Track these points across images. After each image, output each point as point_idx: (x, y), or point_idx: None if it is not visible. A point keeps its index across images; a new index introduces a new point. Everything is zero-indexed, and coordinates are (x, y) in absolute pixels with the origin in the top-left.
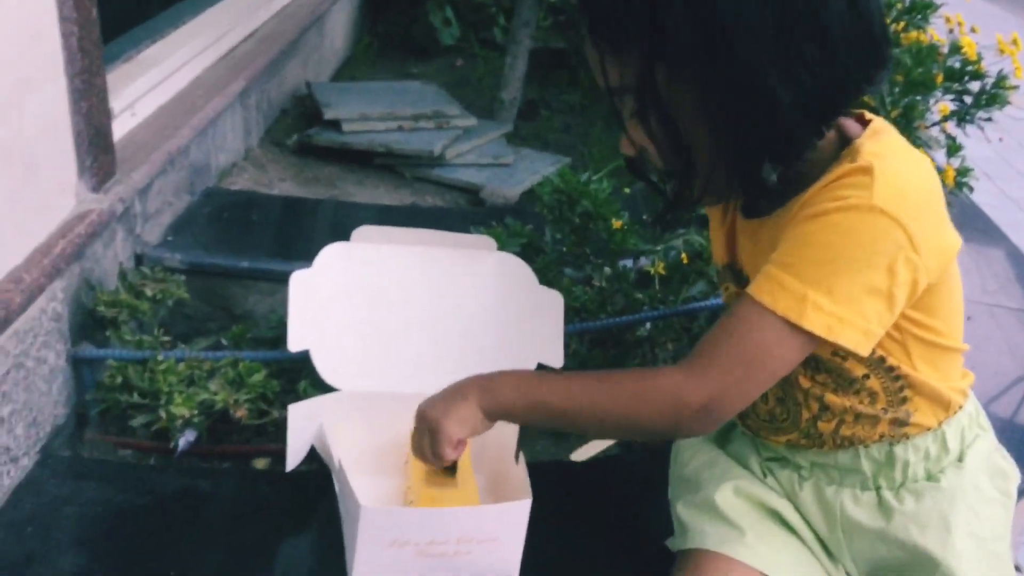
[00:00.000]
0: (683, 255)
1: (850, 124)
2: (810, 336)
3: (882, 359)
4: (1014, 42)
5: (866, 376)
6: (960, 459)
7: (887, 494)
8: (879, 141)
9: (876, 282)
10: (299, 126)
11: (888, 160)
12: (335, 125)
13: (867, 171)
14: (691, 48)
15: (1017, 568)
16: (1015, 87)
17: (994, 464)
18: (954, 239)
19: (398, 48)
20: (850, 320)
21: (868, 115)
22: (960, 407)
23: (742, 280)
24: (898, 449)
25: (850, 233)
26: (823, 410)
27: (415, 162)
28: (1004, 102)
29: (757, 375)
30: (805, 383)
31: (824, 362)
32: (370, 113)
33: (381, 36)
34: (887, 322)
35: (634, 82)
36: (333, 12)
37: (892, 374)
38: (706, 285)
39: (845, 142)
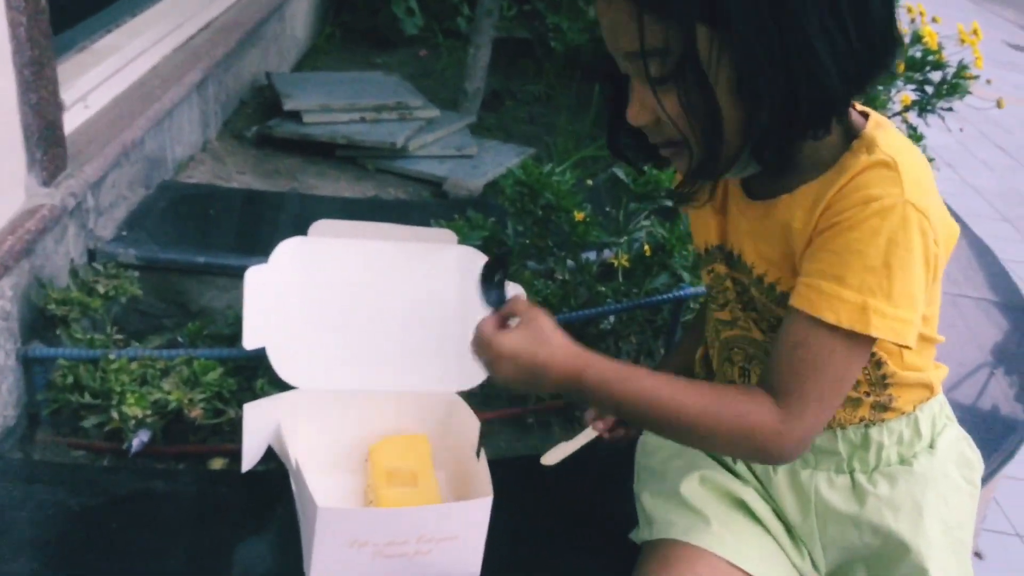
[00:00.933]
0: (646, 247)
1: (852, 113)
2: (875, 339)
3: None
4: (975, 32)
5: None
6: (931, 445)
7: (861, 477)
8: (887, 132)
9: (920, 276)
10: (259, 117)
11: (904, 153)
12: (296, 116)
13: (891, 166)
14: (742, 8)
15: (976, 555)
16: (975, 77)
17: (961, 453)
18: (955, 227)
19: (361, 38)
20: (910, 319)
21: (861, 107)
22: (936, 394)
23: (734, 261)
24: (873, 431)
25: (893, 235)
26: None
27: (377, 154)
28: (965, 92)
29: (841, 394)
30: None
31: None
32: (332, 104)
33: (344, 26)
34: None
35: (677, 43)
36: (293, 2)
37: (875, 359)
38: (669, 277)
39: (848, 131)
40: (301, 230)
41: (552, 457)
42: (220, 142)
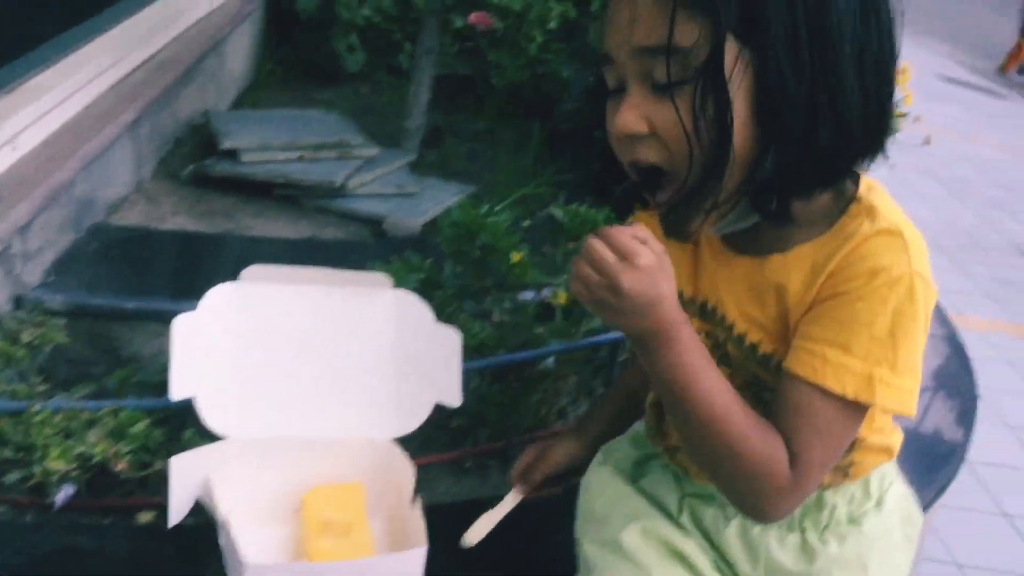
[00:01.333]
0: None
1: None
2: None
3: None
4: (904, 71)
5: None
6: (879, 504)
7: (811, 536)
8: (883, 196)
9: (922, 344)
10: (195, 156)
11: (904, 219)
12: (233, 155)
13: (897, 235)
14: (783, 27)
15: None
16: (904, 114)
17: (905, 510)
18: (935, 290)
19: (302, 74)
20: (913, 388)
21: None
22: (893, 457)
23: (709, 315)
24: (827, 494)
25: (900, 306)
26: None
27: (316, 193)
28: (895, 130)
29: (838, 455)
30: None
31: None
32: (270, 142)
33: (285, 62)
34: None
35: (704, 47)
36: (233, 38)
37: None
38: None
39: (840, 191)
40: (236, 272)
41: (475, 535)
42: (154, 182)
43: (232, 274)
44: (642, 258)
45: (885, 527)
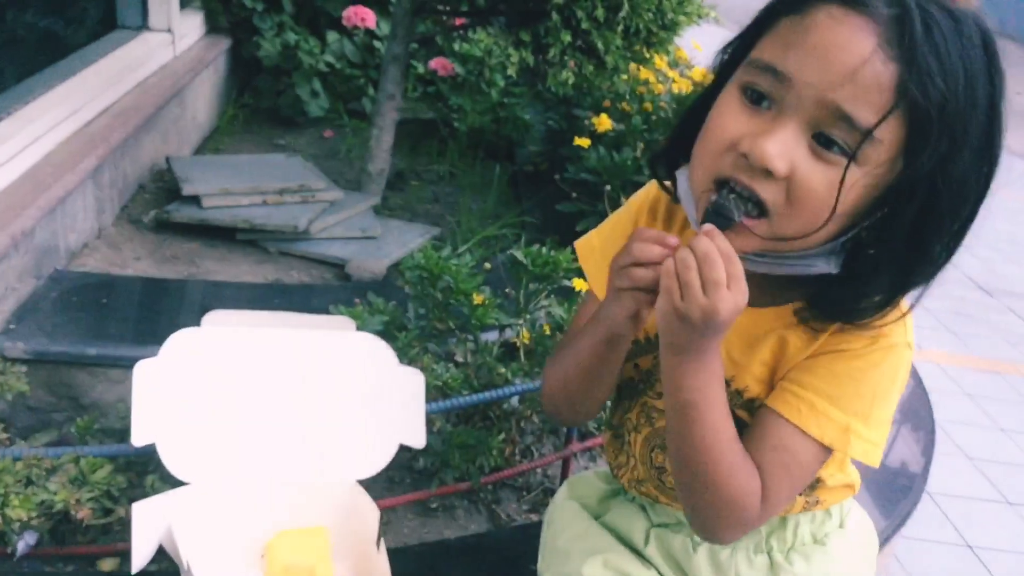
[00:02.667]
0: (546, 327)
1: None
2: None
3: None
4: None
5: None
6: (841, 525)
7: (778, 556)
8: None
9: (895, 402)
10: (158, 202)
11: None
12: (195, 200)
13: (898, 305)
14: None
15: None
16: None
17: (864, 533)
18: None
19: (265, 119)
20: (880, 442)
21: None
22: (855, 492)
23: None
24: (790, 516)
25: (891, 371)
26: None
27: (280, 237)
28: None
29: (799, 490)
30: None
31: None
32: (232, 188)
33: (248, 108)
34: None
35: (891, 140)
36: (196, 84)
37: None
38: None
39: None
40: (199, 317)
41: None
42: (117, 228)
43: (195, 319)
44: (741, 284)
45: (848, 547)
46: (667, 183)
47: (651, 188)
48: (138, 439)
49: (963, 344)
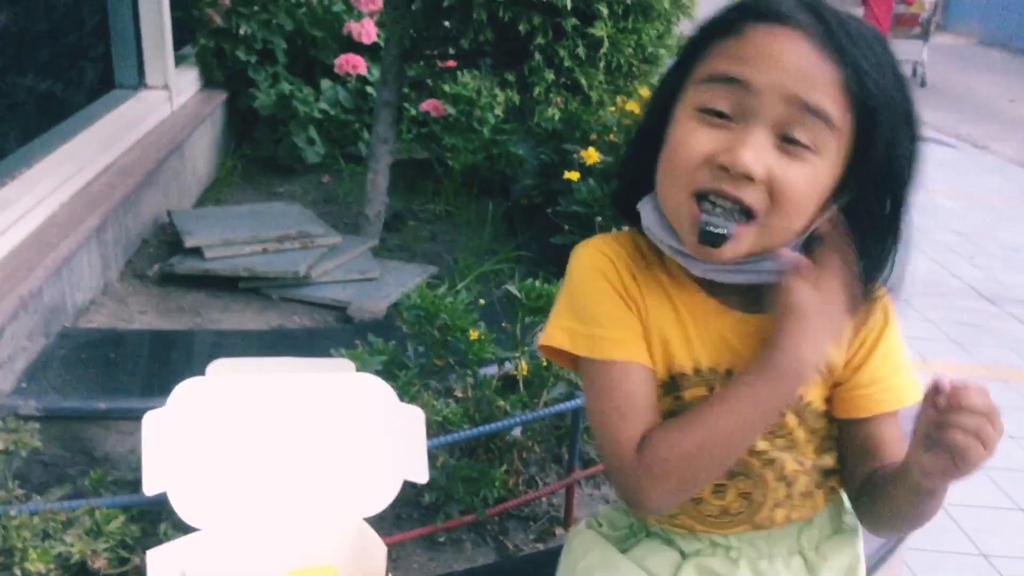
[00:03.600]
0: (542, 359)
1: None
2: None
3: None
4: None
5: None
6: (848, 510)
7: (810, 554)
8: None
9: None
10: (161, 256)
11: None
12: (198, 252)
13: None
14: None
15: None
16: None
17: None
18: None
19: (264, 169)
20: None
21: None
22: None
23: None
24: (816, 514)
25: (896, 322)
26: (787, 497)
27: (281, 283)
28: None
29: None
30: (790, 469)
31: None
32: (233, 238)
33: (246, 158)
34: None
35: (846, 129)
36: (194, 138)
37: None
38: (566, 386)
39: None
40: (205, 367)
41: None
42: (122, 283)
43: (202, 369)
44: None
45: (853, 526)
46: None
47: (590, 248)
48: (150, 488)
49: (968, 354)
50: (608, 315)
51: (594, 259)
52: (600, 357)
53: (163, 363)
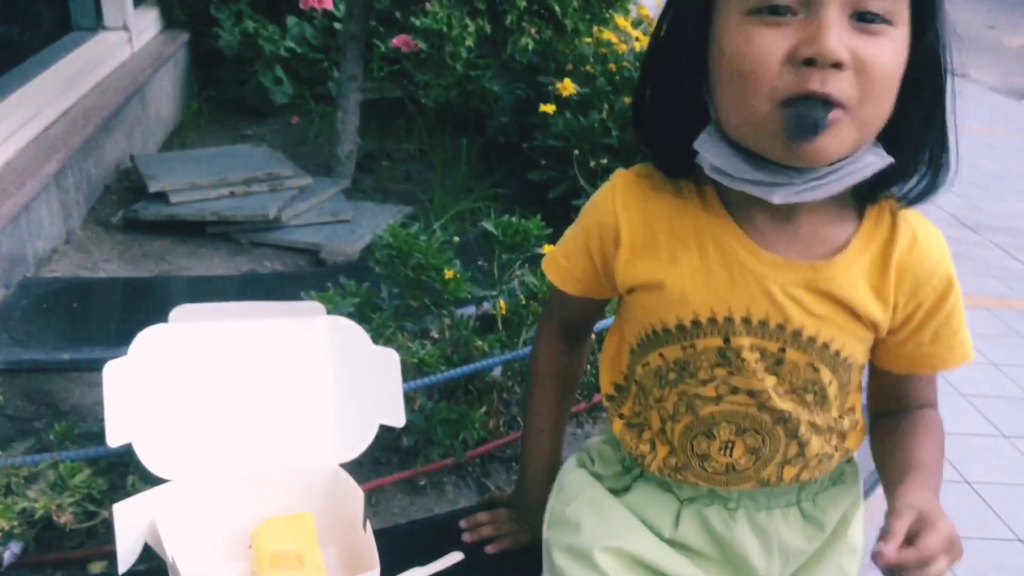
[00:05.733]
0: (522, 297)
1: None
2: None
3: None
4: None
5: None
6: (849, 461)
7: (806, 505)
8: None
9: None
10: (125, 202)
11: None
12: (162, 197)
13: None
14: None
15: None
16: None
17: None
18: None
19: (231, 111)
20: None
21: None
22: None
23: (769, 331)
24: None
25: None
26: (798, 456)
27: (250, 227)
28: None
29: None
30: (804, 429)
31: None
32: (198, 182)
33: (212, 100)
34: None
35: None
36: (156, 81)
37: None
38: None
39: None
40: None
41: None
42: (85, 231)
43: (167, 316)
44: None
45: (854, 472)
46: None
47: (613, 186)
48: (113, 440)
49: None
50: (582, 266)
51: (603, 196)
52: (567, 290)
53: (130, 312)
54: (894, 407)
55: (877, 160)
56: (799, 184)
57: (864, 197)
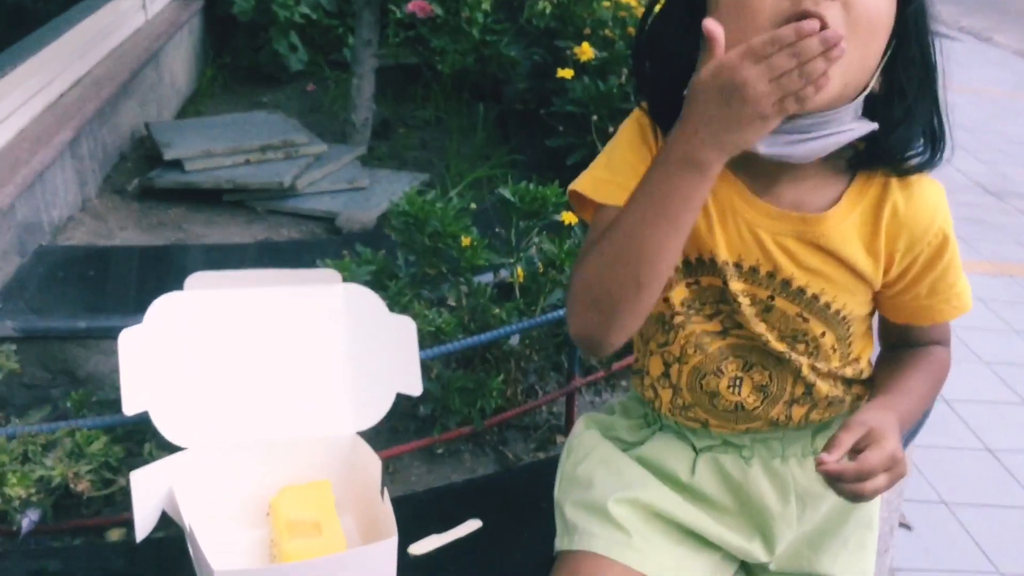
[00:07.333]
0: (539, 265)
1: None
2: None
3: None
4: None
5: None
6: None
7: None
8: None
9: None
10: (141, 170)
11: None
12: (178, 165)
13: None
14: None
15: (905, 526)
16: None
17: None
18: None
19: (246, 78)
20: None
21: None
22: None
23: (758, 278)
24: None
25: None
26: (806, 395)
27: (266, 195)
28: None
29: None
30: (807, 371)
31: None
32: (214, 149)
33: (227, 67)
34: None
35: None
36: (170, 48)
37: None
38: (564, 292)
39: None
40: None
41: (420, 547)
42: (100, 199)
43: (183, 284)
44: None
45: None
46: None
47: (639, 116)
48: (129, 408)
49: (973, 249)
50: (633, 167)
51: (642, 116)
52: (614, 203)
53: (146, 280)
54: (901, 345)
55: (861, 125)
56: (783, 134)
57: (858, 167)
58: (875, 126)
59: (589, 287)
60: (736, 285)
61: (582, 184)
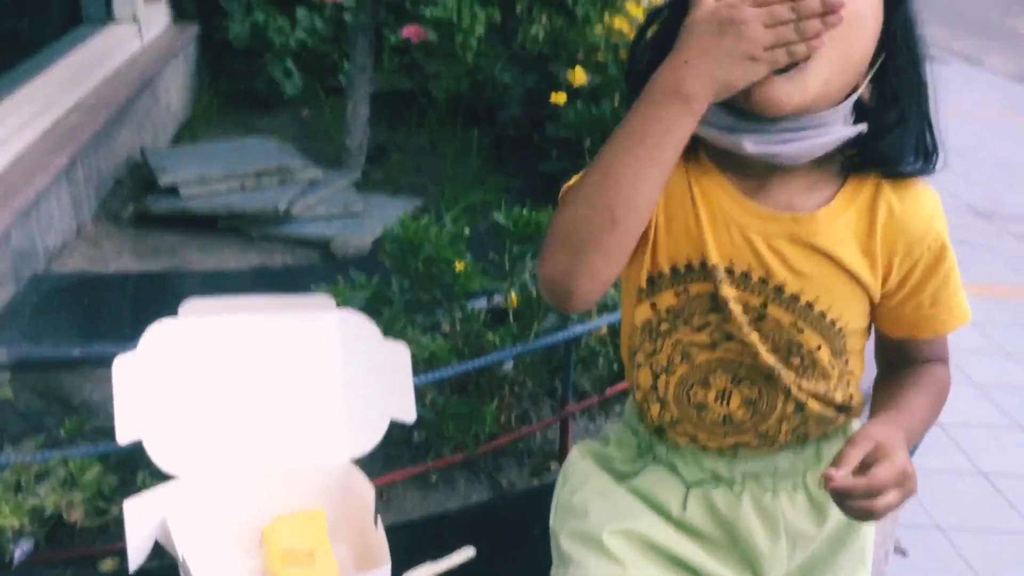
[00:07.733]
0: (532, 290)
1: None
2: None
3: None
4: None
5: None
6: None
7: (814, 490)
8: None
9: None
10: (136, 196)
11: None
12: (173, 191)
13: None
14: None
15: (900, 551)
16: None
17: None
18: None
19: (241, 104)
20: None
21: None
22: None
23: (750, 284)
24: (824, 446)
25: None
26: (796, 413)
27: (261, 221)
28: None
29: None
30: (794, 389)
31: (821, 366)
32: (209, 175)
33: (222, 93)
34: None
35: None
36: (166, 73)
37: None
38: (557, 318)
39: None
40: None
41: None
42: (96, 225)
43: (176, 311)
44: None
45: None
46: None
47: None
48: (123, 436)
49: (965, 272)
50: None
51: None
52: None
53: (141, 307)
54: (900, 363)
55: (847, 129)
56: (771, 133)
57: (850, 171)
58: (863, 128)
59: (563, 226)
60: (727, 291)
61: (573, 181)
